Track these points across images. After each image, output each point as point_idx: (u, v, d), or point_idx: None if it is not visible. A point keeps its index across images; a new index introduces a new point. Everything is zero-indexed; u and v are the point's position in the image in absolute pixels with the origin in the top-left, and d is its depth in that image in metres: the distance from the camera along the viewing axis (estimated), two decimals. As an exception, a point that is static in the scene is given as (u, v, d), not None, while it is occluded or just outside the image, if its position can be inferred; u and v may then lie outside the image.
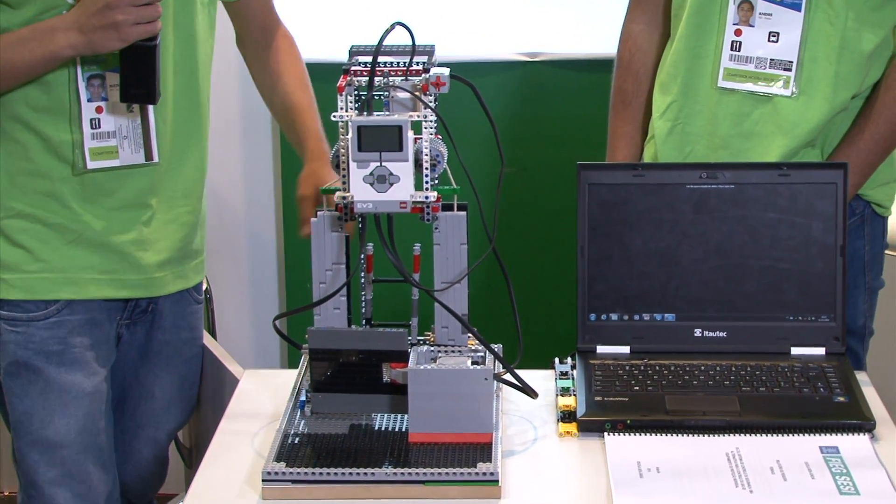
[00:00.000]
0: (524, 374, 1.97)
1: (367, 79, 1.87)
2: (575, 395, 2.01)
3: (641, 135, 2.51)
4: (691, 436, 1.91)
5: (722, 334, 2.11)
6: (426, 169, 1.88)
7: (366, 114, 1.86)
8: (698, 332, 2.12)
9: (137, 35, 2.00)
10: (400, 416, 1.92)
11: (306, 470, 1.78)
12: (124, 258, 2.17)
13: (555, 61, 3.32)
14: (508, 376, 1.94)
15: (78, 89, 2.08)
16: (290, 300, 3.45)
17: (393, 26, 1.88)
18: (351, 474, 1.77)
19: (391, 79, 1.89)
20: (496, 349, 1.97)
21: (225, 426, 2.00)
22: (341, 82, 1.88)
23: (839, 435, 1.90)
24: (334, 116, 1.87)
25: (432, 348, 2.00)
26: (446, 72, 1.89)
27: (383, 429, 1.90)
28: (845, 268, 2.11)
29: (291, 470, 1.78)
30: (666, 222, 2.12)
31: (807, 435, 1.90)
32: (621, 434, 1.92)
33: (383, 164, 1.84)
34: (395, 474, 1.77)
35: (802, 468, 1.82)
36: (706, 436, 1.91)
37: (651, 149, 2.46)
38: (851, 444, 1.88)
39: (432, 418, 1.84)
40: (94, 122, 2.10)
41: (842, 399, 1.97)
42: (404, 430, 1.89)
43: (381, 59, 1.88)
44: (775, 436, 1.90)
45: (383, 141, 1.83)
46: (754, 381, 2.01)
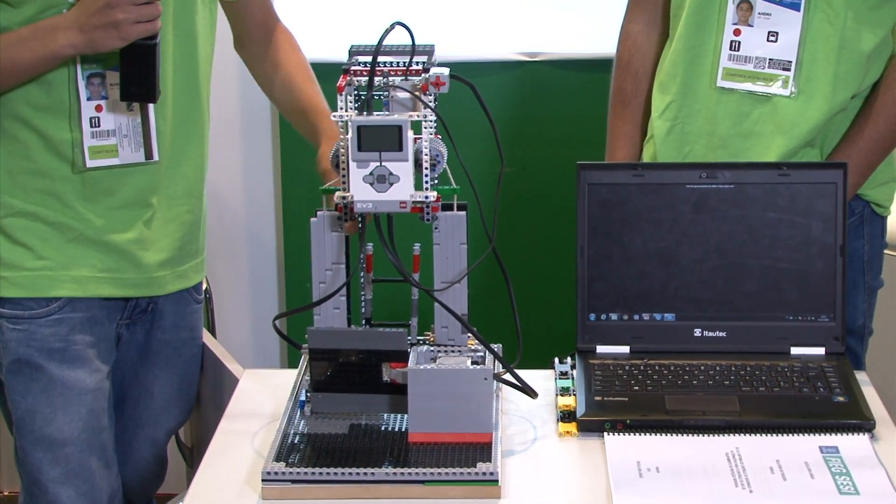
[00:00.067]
0: (524, 373, 1.97)
1: (367, 78, 1.87)
2: (575, 394, 2.01)
3: (641, 135, 2.51)
4: (691, 436, 1.91)
5: (722, 334, 2.11)
6: (426, 169, 1.88)
7: (365, 114, 1.86)
8: (698, 332, 2.12)
9: (137, 34, 2.00)
10: (400, 415, 1.92)
11: (306, 470, 1.78)
12: (125, 257, 2.17)
13: (554, 61, 3.32)
14: (508, 376, 1.94)
15: (78, 88, 2.08)
16: (289, 300, 3.46)
17: (393, 26, 1.88)
18: (350, 474, 1.77)
19: (391, 78, 1.89)
20: (496, 349, 1.97)
21: (225, 426, 2.00)
22: (341, 82, 1.88)
23: (839, 435, 1.90)
24: (334, 116, 1.87)
25: (432, 348, 2.00)
26: (446, 71, 1.90)
27: (383, 429, 1.90)
28: (845, 267, 2.11)
29: (291, 470, 1.78)
30: (666, 222, 2.12)
31: (806, 435, 1.90)
32: (621, 434, 1.92)
33: (383, 163, 1.84)
34: (395, 474, 1.77)
35: (802, 468, 1.82)
36: (706, 436, 1.91)
37: (650, 149, 2.46)
38: (851, 444, 1.88)
39: (432, 418, 1.84)
40: (93, 120, 2.10)
41: (841, 399, 1.97)
42: (404, 429, 1.89)
43: (380, 58, 1.88)
44: (775, 436, 1.90)
45: (383, 141, 1.83)
46: (754, 381, 2.01)
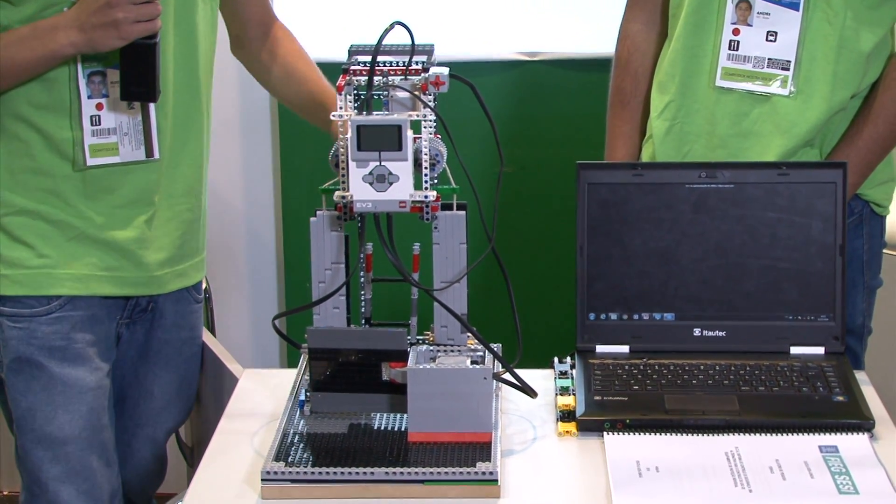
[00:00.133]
0: (523, 373, 1.97)
1: (367, 78, 1.87)
2: (574, 394, 2.01)
3: (640, 134, 2.51)
4: (690, 435, 1.91)
5: (721, 334, 2.11)
6: (425, 168, 1.88)
7: (365, 113, 1.86)
8: (697, 332, 2.12)
9: (137, 33, 2.00)
10: (399, 415, 1.92)
11: (305, 469, 1.78)
12: (125, 256, 2.17)
13: (554, 61, 3.32)
14: (508, 376, 1.94)
15: (79, 86, 2.08)
16: (289, 299, 3.46)
17: (392, 26, 1.89)
18: (350, 474, 1.77)
19: (390, 78, 1.89)
20: (495, 348, 1.97)
21: (224, 425, 2.00)
22: (341, 82, 1.88)
23: (838, 434, 1.90)
24: (334, 116, 1.87)
25: (431, 348, 2.00)
26: (445, 71, 1.90)
27: (382, 428, 1.90)
28: (844, 267, 2.11)
29: (291, 469, 1.78)
30: (665, 222, 2.12)
31: (806, 434, 1.90)
32: (620, 433, 1.92)
33: (382, 163, 1.84)
34: (395, 474, 1.77)
35: (802, 467, 1.82)
36: (705, 435, 1.91)
37: (649, 148, 2.46)
38: (850, 444, 1.88)
39: (431, 418, 1.84)
40: (94, 118, 2.10)
41: (841, 398, 1.97)
42: (403, 429, 1.89)
43: (380, 58, 1.88)
44: (774, 435, 1.90)
45: (383, 140, 1.83)
46: (753, 381, 2.01)
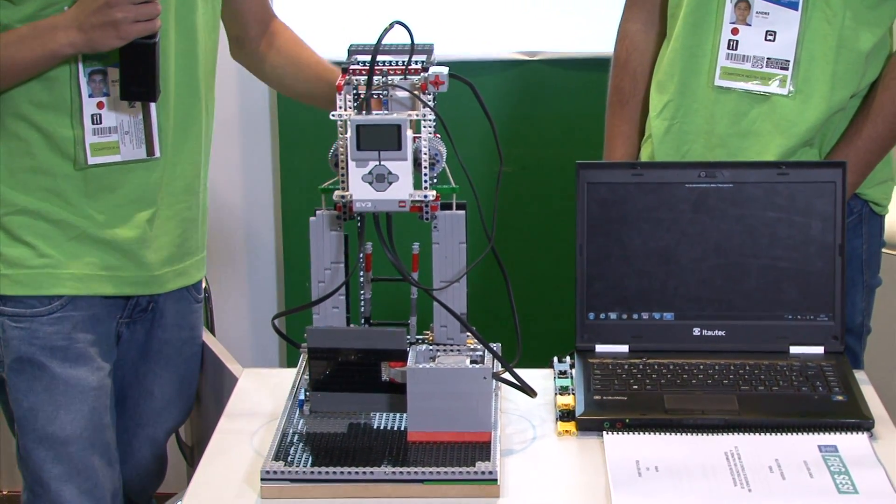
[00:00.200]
0: (523, 372, 1.97)
1: (366, 78, 1.87)
2: (574, 394, 2.01)
3: (638, 134, 2.51)
4: (690, 435, 1.91)
5: (721, 333, 2.11)
6: (425, 168, 1.88)
7: (364, 113, 1.86)
8: (697, 331, 2.12)
9: (137, 33, 2.00)
10: (399, 414, 1.92)
11: (305, 469, 1.78)
12: (126, 255, 2.17)
13: (553, 60, 3.32)
14: (507, 375, 1.94)
15: (80, 85, 2.08)
16: (288, 299, 3.46)
17: (392, 25, 1.89)
18: (349, 473, 1.77)
19: (390, 78, 1.89)
20: (495, 348, 1.97)
21: (224, 425, 2.00)
22: (340, 81, 1.88)
23: (838, 434, 1.90)
24: (333, 115, 1.87)
25: (431, 347, 2.00)
26: (445, 70, 1.90)
27: (382, 428, 1.90)
28: (844, 267, 2.11)
29: (290, 469, 1.78)
30: (665, 221, 2.12)
31: (805, 434, 1.90)
32: (620, 433, 1.92)
33: (382, 162, 1.84)
34: (394, 473, 1.77)
35: (801, 467, 1.82)
36: (705, 435, 1.91)
37: (648, 148, 2.46)
38: (850, 443, 1.88)
39: (431, 417, 1.84)
40: (95, 117, 2.10)
41: (840, 398, 1.97)
42: (403, 428, 1.89)
43: (379, 57, 1.88)
44: (774, 435, 1.90)
45: (382, 140, 1.83)
46: (753, 380, 2.01)
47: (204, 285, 2.40)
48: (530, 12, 3.30)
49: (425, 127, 1.88)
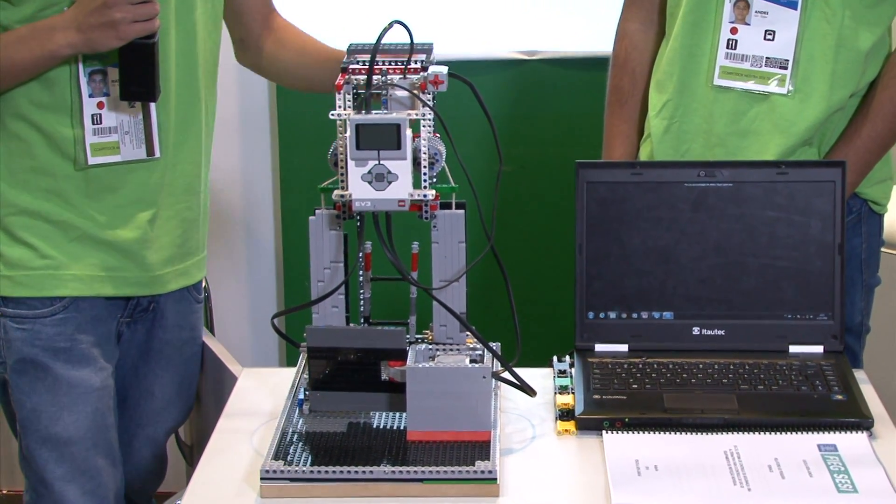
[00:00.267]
0: (522, 372, 1.97)
1: (366, 77, 1.87)
2: (573, 393, 2.01)
3: (637, 133, 2.51)
4: (689, 434, 1.91)
5: (720, 332, 2.11)
6: (424, 167, 1.88)
7: (364, 112, 1.86)
8: (696, 331, 2.12)
9: (135, 33, 2.00)
10: (398, 414, 1.92)
11: (304, 468, 1.78)
12: (128, 256, 2.17)
13: (553, 59, 3.32)
14: (507, 374, 1.94)
15: (80, 85, 2.08)
16: (288, 298, 3.45)
17: (391, 24, 1.89)
18: (349, 472, 1.77)
19: (389, 77, 1.89)
20: (494, 347, 1.97)
21: (223, 424, 2.00)
22: (339, 81, 1.88)
23: (837, 433, 1.90)
24: (333, 115, 1.87)
25: (430, 346, 2.00)
26: (444, 70, 1.90)
27: (381, 427, 1.90)
28: (843, 266, 2.11)
29: (290, 468, 1.78)
30: (664, 220, 2.12)
31: (805, 433, 1.90)
32: (619, 432, 1.92)
33: (381, 162, 1.84)
34: (394, 472, 1.77)
35: (801, 466, 1.82)
36: (704, 434, 1.91)
37: (647, 147, 2.46)
38: (849, 442, 1.88)
39: (430, 416, 1.84)
40: (95, 117, 2.09)
41: (840, 397, 1.97)
42: (402, 428, 1.89)
43: (379, 57, 1.88)
44: (773, 434, 1.90)
45: (382, 139, 1.83)
46: (752, 380, 2.01)
47: (203, 284, 2.40)
48: (530, 12, 3.29)
49: (425, 126, 1.88)
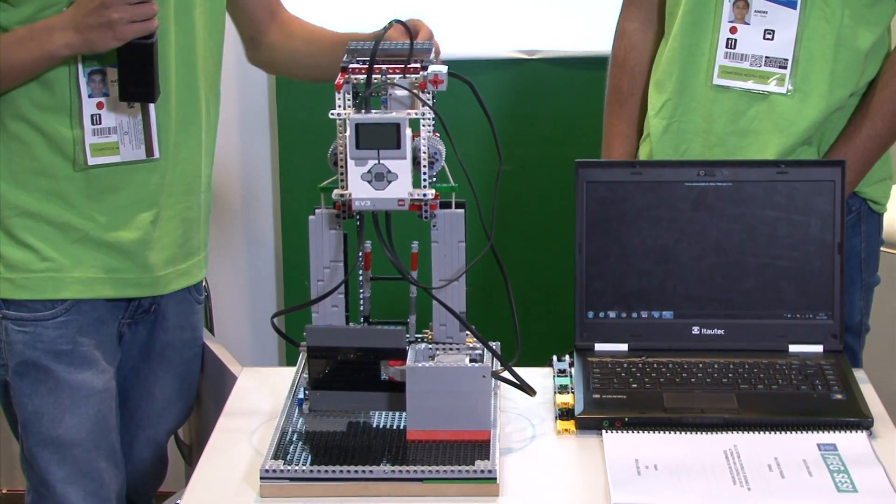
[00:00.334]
0: (522, 371, 1.97)
1: (365, 76, 1.87)
2: (573, 392, 2.01)
3: (637, 133, 2.51)
4: (689, 433, 1.91)
5: (720, 332, 2.11)
6: (424, 166, 1.88)
7: (363, 111, 1.86)
8: (696, 330, 2.12)
9: (133, 33, 2.00)
10: (398, 413, 1.92)
11: (304, 468, 1.78)
12: (130, 257, 2.16)
13: (552, 59, 3.31)
14: (506, 374, 1.94)
15: (79, 85, 2.07)
16: (288, 298, 3.45)
17: (391, 24, 1.88)
18: (349, 472, 1.77)
19: (389, 76, 1.89)
20: (494, 347, 1.97)
21: (223, 424, 2.00)
22: (339, 80, 1.88)
23: (837, 432, 1.90)
24: (332, 114, 1.87)
25: (430, 346, 2.00)
26: (444, 69, 1.89)
27: (381, 426, 1.90)
28: (843, 265, 2.11)
29: (289, 467, 1.78)
30: (664, 220, 2.12)
31: (805, 432, 1.90)
32: (619, 432, 1.92)
33: (381, 161, 1.84)
34: (393, 472, 1.77)
35: (800, 466, 1.82)
36: (704, 433, 1.91)
37: (646, 147, 2.46)
38: (849, 442, 1.88)
39: (430, 416, 1.84)
40: (94, 118, 2.09)
41: (839, 396, 1.97)
42: (402, 427, 1.89)
43: (379, 56, 1.88)
44: (773, 433, 1.90)
45: (381, 138, 1.83)
46: (752, 379, 2.01)
47: (203, 284, 2.40)
48: (529, 11, 3.29)
49: (424, 126, 1.88)
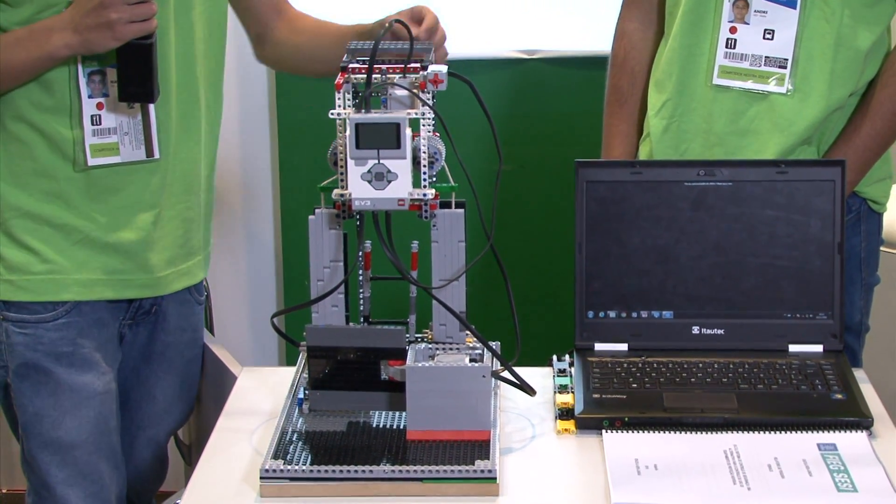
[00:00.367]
0: (522, 371, 1.97)
1: (365, 76, 1.87)
2: (573, 392, 2.01)
3: (637, 133, 2.51)
4: (689, 433, 1.91)
5: (720, 331, 2.11)
6: (424, 166, 1.88)
7: (363, 111, 1.86)
8: (696, 330, 2.12)
9: (132, 33, 2.00)
10: (398, 413, 1.92)
11: (304, 467, 1.78)
12: (131, 258, 2.16)
13: (552, 58, 3.32)
14: (506, 373, 1.94)
15: (79, 86, 2.07)
16: (288, 297, 3.45)
17: (391, 24, 1.88)
18: (349, 472, 1.77)
19: (389, 76, 1.89)
20: (494, 346, 1.97)
21: (223, 423, 2.00)
22: (339, 80, 1.88)
23: (837, 432, 1.90)
24: (332, 114, 1.87)
25: (430, 346, 2.00)
26: (444, 69, 1.89)
27: (381, 426, 1.90)
28: (843, 265, 2.11)
29: (289, 467, 1.78)
30: (664, 219, 2.12)
31: (804, 432, 1.90)
32: (619, 431, 1.92)
33: (381, 161, 1.84)
34: (393, 472, 1.77)
35: (800, 465, 1.82)
36: (704, 433, 1.91)
37: (646, 147, 2.46)
38: (849, 442, 1.88)
39: (430, 416, 1.84)
40: (94, 118, 2.09)
41: (839, 396, 1.97)
42: (402, 427, 1.89)
43: (378, 56, 1.88)
44: (773, 433, 1.90)
45: (381, 138, 1.83)
46: (752, 379, 2.01)
47: (203, 284, 2.40)
48: (529, 11, 3.29)
49: (424, 125, 1.88)
